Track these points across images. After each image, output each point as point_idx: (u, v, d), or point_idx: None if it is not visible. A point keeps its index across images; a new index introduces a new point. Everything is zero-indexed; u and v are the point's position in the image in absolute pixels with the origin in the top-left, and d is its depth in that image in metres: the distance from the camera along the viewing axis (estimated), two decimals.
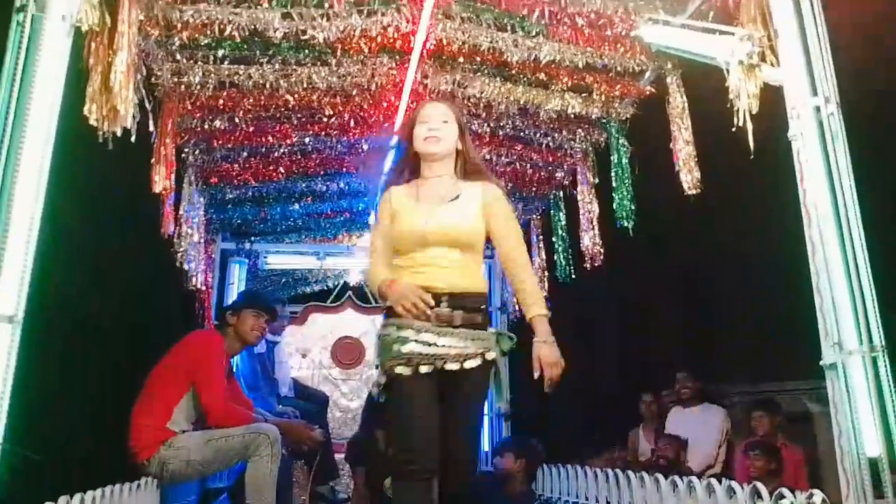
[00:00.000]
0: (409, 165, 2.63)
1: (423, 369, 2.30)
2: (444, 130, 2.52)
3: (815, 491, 2.31)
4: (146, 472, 3.19)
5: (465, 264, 2.45)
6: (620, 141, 4.02)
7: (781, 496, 2.36)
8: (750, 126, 2.69)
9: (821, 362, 2.30)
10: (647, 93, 3.78)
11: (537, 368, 2.34)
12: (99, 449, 3.25)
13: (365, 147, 4.41)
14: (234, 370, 4.09)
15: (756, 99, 2.67)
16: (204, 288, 4.82)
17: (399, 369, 2.30)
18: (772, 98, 2.66)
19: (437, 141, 2.51)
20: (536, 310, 2.40)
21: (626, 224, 3.94)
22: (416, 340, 2.32)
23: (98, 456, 3.21)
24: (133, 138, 2.52)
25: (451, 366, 2.31)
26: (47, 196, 2.17)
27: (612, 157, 4.06)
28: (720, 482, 2.63)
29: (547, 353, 2.33)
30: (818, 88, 2.46)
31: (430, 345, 2.31)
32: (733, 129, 2.70)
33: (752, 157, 2.69)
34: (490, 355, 2.36)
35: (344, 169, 4.74)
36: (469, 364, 2.32)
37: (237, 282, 5.71)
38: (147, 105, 2.96)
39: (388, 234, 2.53)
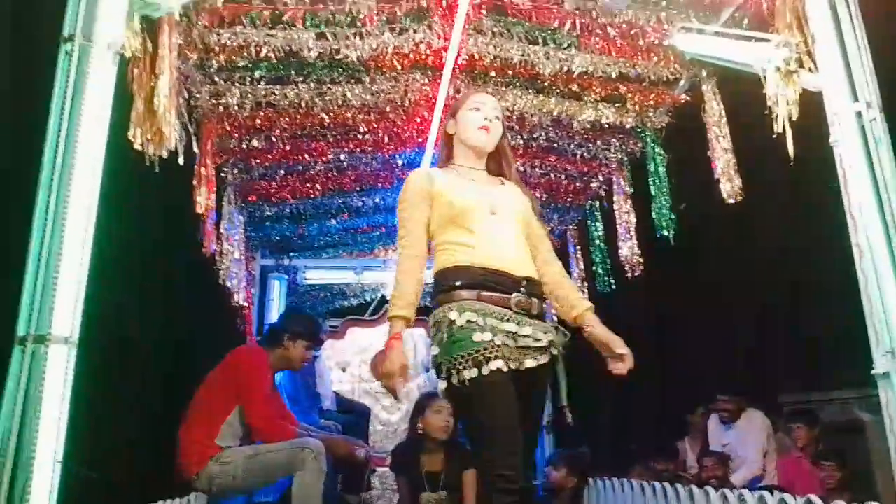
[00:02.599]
0: (447, 149, 2.39)
1: (512, 365, 2.00)
2: (496, 124, 2.31)
3: None
4: (195, 486, 3.24)
5: (527, 247, 2.22)
6: (657, 150, 3.99)
7: None
8: (790, 132, 2.65)
9: (872, 372, 2.24)
10: (682, 101, 3.75)
11: (621, 348, 2.18)
12: (150, 465, 3.32)
13: (399, 163, 4.45)
14: (277, 385, 4.14)
15: (795, 105, 2.62)
16: (246, 304, 4.89)
17: (495, 364, 1.95)
18: (812, 102, 2.61)
19: (489, 133, 2.28)
20: (587, 303, 2.27)
21: (666, 233, 3.91)
22: (502, 331, 2.02)
23: (149, 472, 3.28)
24: (180, 160, 2.58)
25: (529, 363, 2.05)
26: (97, 219, 2.22)
27: (648, 167, 4.03)
28: (771, 493, 2.58)
29: (619, 339, 2.18)
30: (859, 93, 2.41)
31: (514, 336, 2.03)
32: (774, 136, 2.66)
33: (792, 163, 2.64)
34: (555, 350, 2.12)
35: (379, 184, 4.77)
36: (542, 359, 2.08)
37: (278, 297, 5.79)
38: (190, 128, 3.03)
39: (425, 222, 2.19)
